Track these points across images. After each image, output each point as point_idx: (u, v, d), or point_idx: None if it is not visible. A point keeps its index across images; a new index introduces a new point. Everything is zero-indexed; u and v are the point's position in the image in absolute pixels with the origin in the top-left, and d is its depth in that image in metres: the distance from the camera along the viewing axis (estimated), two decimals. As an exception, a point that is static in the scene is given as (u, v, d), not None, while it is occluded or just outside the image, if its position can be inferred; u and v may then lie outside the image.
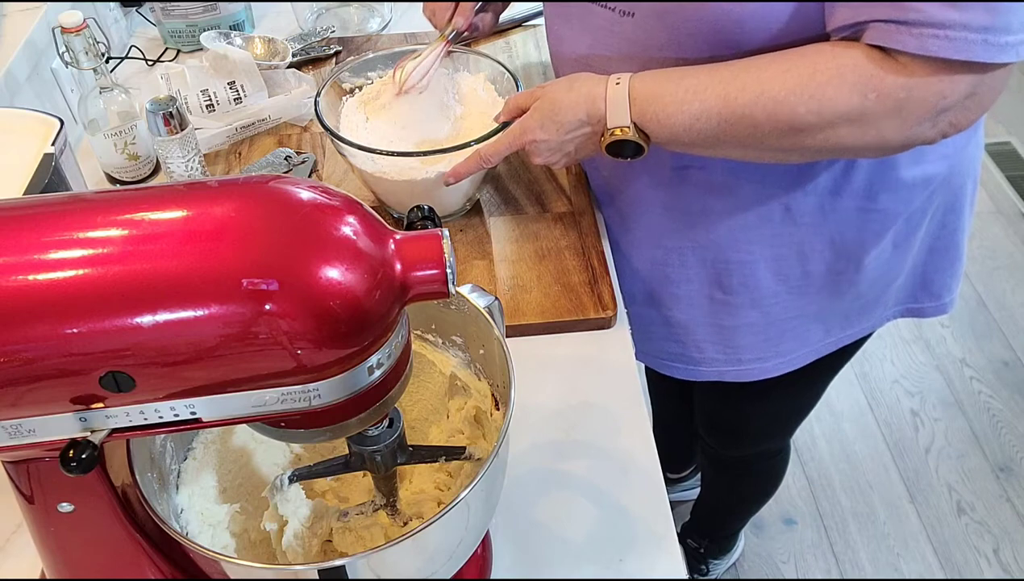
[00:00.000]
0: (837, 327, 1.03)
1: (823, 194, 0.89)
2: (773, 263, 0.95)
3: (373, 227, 0.47)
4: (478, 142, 0.93)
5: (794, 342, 1.02)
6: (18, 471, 0.54)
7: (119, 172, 1.13)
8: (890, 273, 0.99)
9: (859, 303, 1.01)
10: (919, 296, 1.05)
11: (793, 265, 0.95)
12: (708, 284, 0.98)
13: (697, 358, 1.06)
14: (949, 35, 0.65)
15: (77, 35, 1.00)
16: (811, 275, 0.96)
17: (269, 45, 1.31)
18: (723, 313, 1.00)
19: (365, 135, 1.02)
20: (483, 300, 0.65)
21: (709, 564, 1.74)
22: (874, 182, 0.88)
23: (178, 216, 0.45)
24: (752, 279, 0.96)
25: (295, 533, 0.64)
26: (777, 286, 0.96)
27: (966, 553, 1.80)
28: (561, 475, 0.82)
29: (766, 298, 0.97)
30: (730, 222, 0.92)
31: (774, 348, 1.02)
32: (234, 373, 0.46)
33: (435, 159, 0.95)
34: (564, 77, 0.85)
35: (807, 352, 1.04)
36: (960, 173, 0.94)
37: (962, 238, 1.02)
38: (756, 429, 1.30)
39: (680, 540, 0.77)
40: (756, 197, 0.90)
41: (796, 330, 1.01)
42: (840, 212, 0.90)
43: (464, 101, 1.06)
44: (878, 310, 1.04)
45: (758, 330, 1.01)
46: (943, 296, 1.05)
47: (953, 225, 0.99)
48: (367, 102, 1.06)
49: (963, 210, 0.99)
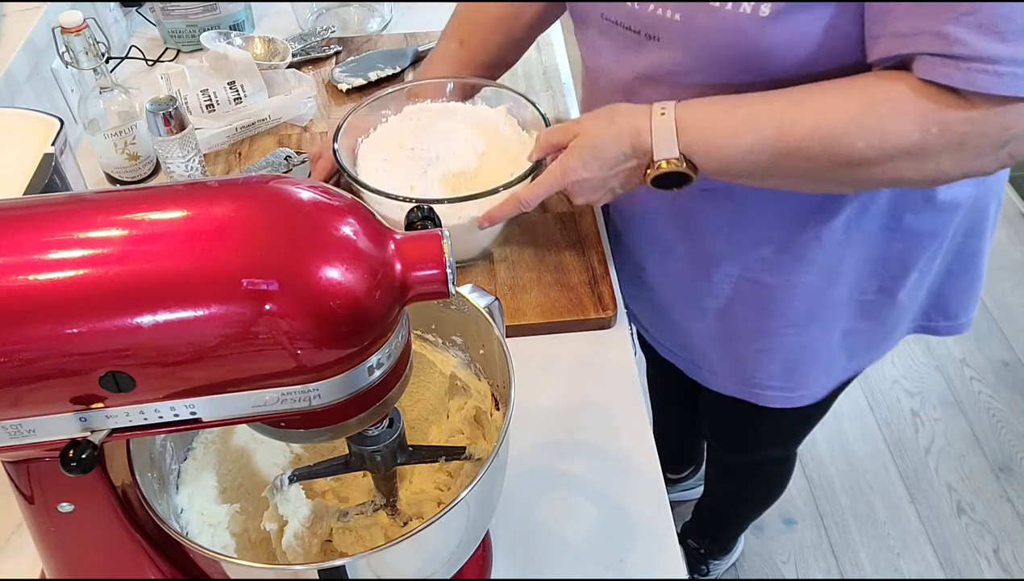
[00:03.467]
0: (860, 352, 1.01)
1: (851, 215, 0.86)
2: (793, 289, 0.91)
3: (373, 227, 0.47)
4: (508, 186, 0.88)
5: (818, 371, 1.00)
6: (18, 471, 0.54)
7: (119, 172, 1.13)
8: (915, 296, 0.97)
9: (884, 329, 0.99)
10: (933, 315, 1.02)
11: (822, 292, 0.92)
12: (727, 308, 0.96)
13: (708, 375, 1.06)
14: (999, 70, 0.62)
15: (77, 35, 1.00)
16: (838, 303, 0.93)
17: (269, 45, 1.31)
18: (746, 338, 0.98)
19: (385, 178, 0.97)
20: (483, 300, 0.65)
21: (709, 564, 1.74)
22: (902, 206, 0.86)
23: (178, 216, 0.45)
24: (776, 303, 0.93)
25: (295, 533, 0.64)
26: (802, 311, 0.93)
27: (966, 553, 1.80)
28: (561, 475, 0.82)
29: (786, 324, 0.95)
30: (757, 245, 0.90)
31: (787, 373, 1.00)
32: (234, 373, 0.46)
33: (464, 204, 0.90)
34: (601, 110, 0.81)
35: (829, 381, 1.02)
36: (986, 195, 0.92)
37: (982, 260, 0.99)
38: (764, 438, 1.29)
39: (680, 540, 0.77)
40: (784, 223, 0.87)
41: (815, 354, 0.98)
42: (865, 233, 0.87)
43: (486, 137, 1.01)
44: (898, 332, 1.02)
45: (775, 356, 0.98)
46: (959, 317, 1.02)
47: (974, 246, 0.96)
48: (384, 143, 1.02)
49: (985, 232, 0.96)
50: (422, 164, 0.99)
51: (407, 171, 0.98)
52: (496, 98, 1.03)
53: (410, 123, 1.03)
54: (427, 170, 0.98)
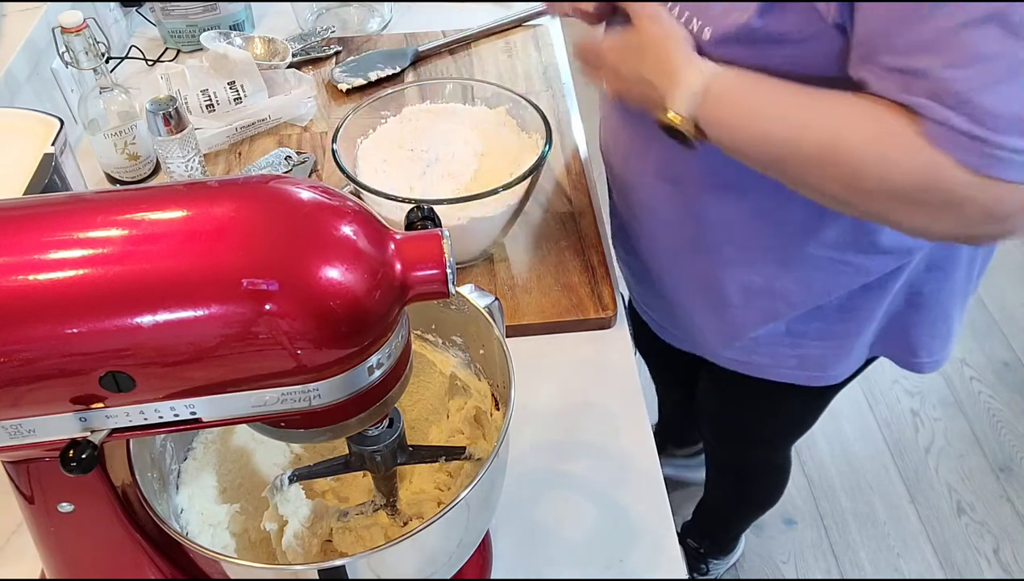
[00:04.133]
0: (813, 366, 1.01)
1: (795, 242, 0.86)
2: (743, 289, 0.93)
3: (373, 227, 0.47)
4: (507, 187, 0.89)
5: (768, 359, 1.00)
6: (18, 471, 0.54)
7: (119, 172, 1.13)
8: (860, 316, 0.94)
9: (833, 343, 0.98)
10: (895, 346, 1.00)
11: (762, 296, 0.93)
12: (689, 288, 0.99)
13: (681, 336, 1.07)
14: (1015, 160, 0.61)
15: (77, 35, 1.00)
16: (777, 310, 0.93)
17: (269, 45, 1.31)
18: (702, 313, 1.00)
19: (385, 178, 0.97)
20: (483, 300, 0.65)
21: (709, 564, 1.74)
22: (847, 239, 0.85)
23: (178, 216, 0.45)
24: (723, 298, 0.95)
25: (295, 533, 0.64)
26: (747, 310, 0.94)
27: (966, 553, 1.80)
28: (561, 475, 0.82)
29: (735, 316, 0.96)
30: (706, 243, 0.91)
31: (746, 356, 1.01)
32: (234, 373, 0.46)
33: (464, 205, 0.90)
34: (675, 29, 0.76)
35: (782, 372, 1.02)
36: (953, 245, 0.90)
37: (950, 300, 0.95)
38: (756, 430, 1.29)
39: (680, 540, 0.77)
40: (733, 230, 0.88)
41: (770, 350, 0.99)
42: (811, 259, 0.87)
43: (485, 138, 1.01)
44: (855, 352, 1.00)
45: (732, 340, 1.00)
46: (920, 355, 0.99)
47: (938, 282, 0.93)
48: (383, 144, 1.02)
49: (952, 270, 0.92)
50: (421, 165, 0.99)
51: (407, 172, 0.98)
52: (496, 99, 1.03)
53: (410, 124, 1.03)
54: (427, 171, 0.98)
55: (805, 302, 0.92)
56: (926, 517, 1.86)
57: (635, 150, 0.92)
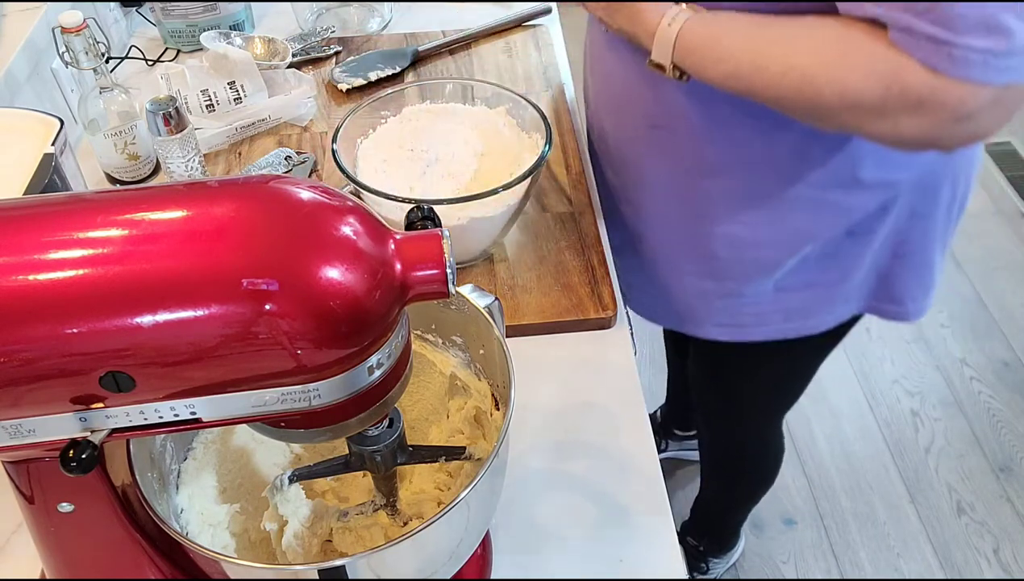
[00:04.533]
0: (797, 314, 1.04)
1: (780, 182, 0.90)
2: (728, 239, 0.96)
3: (373, 227, 0.47)
4: (507, 187, 0.88)
5: (751, 318, 1.04)
6: (18, 471, 0.54)
7: (119, 172, 1.13)
8: (844, 261, 0.98)
9: (813, 292, 1.01)
10: (881, 298, 1.04)
11: (747, 246, 0.96)
12: (673, 243, 1.02)
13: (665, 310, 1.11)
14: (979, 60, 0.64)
15: (77, 35, 1.00)
16: (763, 258, 0.97)
17: (269, 45, 1.31)
18: (685, 274, 1.04)
19: (385, 178, 0.97)
20: (483, 300, 0.65)
21: (709, 562, 1.74)
22: (830, 176, 0.88)
23: (178, 216, 0.45)
24: (708, 249, 0.98)
25: (295, 533, 0.64)
26: (732, 261, 0.98)
27: (966, 553, 1.80)
28: (561, 475, 0.82)
29: (721, 269, 0.99)
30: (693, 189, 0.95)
31: (730, 317, 1.04)
32: (234, 373, 0.46)
33: (464, 205, 0.90)
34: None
35: (768, 330, 1.05)
36: (934, 180, 0.93)
37: (931, 246, 0.99)
38: (744, 400, 1.31)
39: (679, 539, 0.77)
40: (719, 172, 0.92)
41: (753, 307, 1.02)
42: (793, 201, 0.91)
43: (485, 138, 1.01)
44: (837, 302, 1.03)
45: (715, 298, 1.03)
46: (905, 302, 1.03)
47: (922, 231, 0.97)
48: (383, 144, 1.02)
49: (934, 216, 0.96)
50: (421, 165, 0.99)
51: (407, 172, 0.98)
52: (496, 99, 1.03)
53: (409, 124, 1.03)
54: (427, 171, 0.98)
55: (791, 247, 0.95)
56: (926, 517, 1.86)
57: (628, 102, 0.96)
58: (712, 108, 0.87)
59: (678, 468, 1.91)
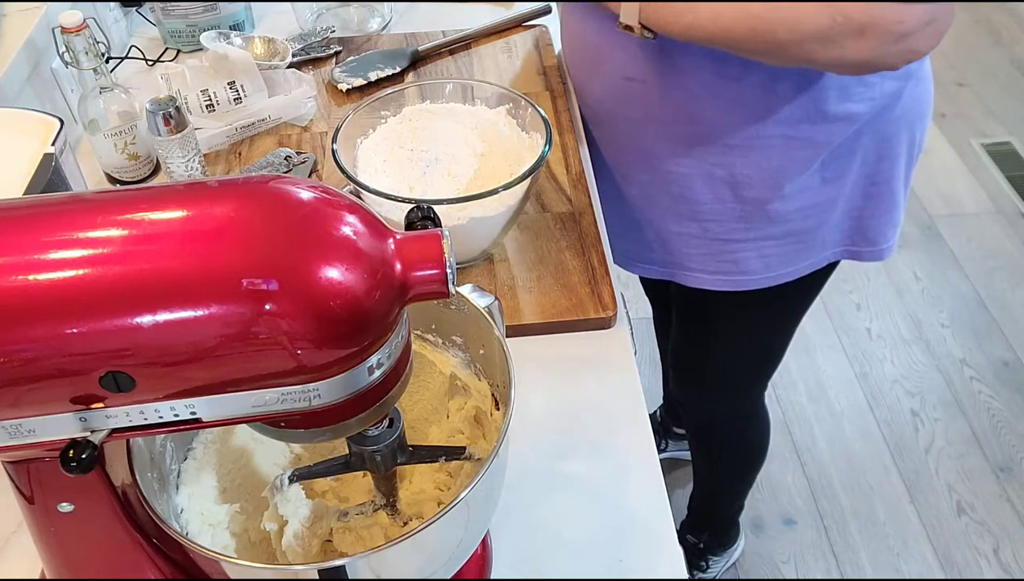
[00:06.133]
0: (777, 262, 1.09)
1: (751, 122, 0.97)
2: (708, 181, 1.03)
3: (373, 227, 0.47)
4: (508, 187, 0.88)
5: (732, 265, 1.10)
6: (18, 471, 0.54)
7: (119, 172, 1.13)
8: (820, 207, 1.05)
9: (793, 239, 1.07)
10: (856, 240, 1.11)
11: (725, 187, 1.03)
12: (656, 190, 1.09)
13: (648, 257, 1.17)
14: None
15: (77, 35, 1.00)
16: (743, 200, 1.04)
17: (269, 45, 1.31)
18: (669, 219, 1.10)
19: (385, 178, 0.97)
20: (483, 300, 0.65)
21: (709, 560, 1.74)
22: (798, 112, 0.96)
23: (178, 216, 0.45)
24: (690, 192, 1.05)
25: (295, 533, 0.64)
26: (714, 204, 1.05)
27: (966, 553, 1.80)
28: (561, 475, 0.82)
29: (703, 213, 1.06)
30: (670, 135, 1.02)
31: (714, 264, 1.11)
32: (234, 373, 0.46)
33: (464, 205, 0.90)
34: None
35: (747, 280, 1.11)
36: (891, 120, 1.00)
37: (898, 186, 1.08)
38: (719, 367, 1.34)
39: (679, 538, 0.77)
40: (693, 117, 0.99)
41: (734, 254, 1.08)
42: (766, 139, 0.98)
43: (485, 138, 1.01)
44: (815, 249, 1.10)
45: (699, 243, 1.09)
46: (879, 242, 1.11)
47: (888, 172, 1.05)
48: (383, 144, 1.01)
49: (897, 158, 1.05)
50: (421, 165, 0.99)
51: (407, 172, 0.98)
52: (496, 99, 1.03)
53: (409, 124, 1.03)
54: (427, 171, 0.98)
55: (766, 184, 1.02)
56: (926, 517, 1.86)
57: (602, 58, 1.05)
58: (680, 59, 0.95)
59: (678, 468, 1.91)
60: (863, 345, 2.20)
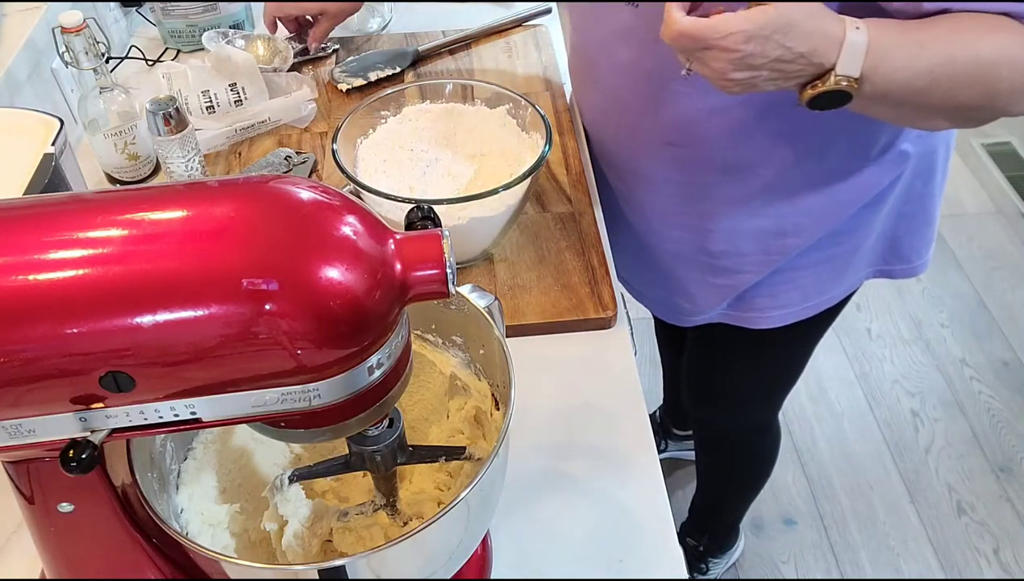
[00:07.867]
0: (814, 292, 1.07)
1: (802, 167, 0.94)
2: (754, 233, 1.00)
3: (373, 227, 0.47)
4: (507, 187, 0.88)
5: (769, 301, 1.07)
6: (18, 471, 0.54)
7: (119, 172, 1.13)
8: (859, 234, 1.02)
9: (830, 266, 1.05)
10: (889, 259, 1.09)
11: (770, 235, 1.00)
12: (694, 246, 1.05)
13: (664, 299, 1.15)
14: None
15: (77, 35, 1.00)
16: (787, 247, 1.01)
17: (269, 45, 1.31)
18: (708, 271, 1.07)
19: (385, 179, 0.97)
20: (483, 300, 0.65)
21: (709, 562, 1.74)
22: (851, 162, 0.93)
23: (178, 216, 0.45)
24: (733, 247, 1.02)
25: (295, 533, 0.64)
26: (753, 251, 1.02)
27: (966, 553, 1.80)
28: (561, 475, 0.82)
29: (745, 262, 1.03)
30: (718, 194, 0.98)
31: (751, 305, 1.08)
32: (234, 373, 0.46)
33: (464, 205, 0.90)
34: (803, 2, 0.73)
35: (785, 313, 1.08)
36: (933, 144, 0.98)
37: (932, 203, 1.05)
38: (739, 391, 1.32)
39: (679, 540, 0.77)
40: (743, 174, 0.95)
41: (770, 289, 1.06)
42: (817, 185, 0.95)
43: (485, 137, 1.01)
44: (850, 273, 1.07)
45: (729, 291, 1.07)
46: (913, 259, 1.09)
47: (921, 190, 1.02)
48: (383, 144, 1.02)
49: (934, 175, 1.02)
50: (421, 165, 0.99)
51: (407, 172, 0.98)
52: (496, 99, 1.03)
53: (410, 124, 1.03)
54: (427, 171, 0.98)
55: (814, 232, 0.99)
56: (926, 517, 1.86)
57: (644, 122, 0.97)
58: (737, 115, 0.89)
59: (678, 468, 1.91)
60: (863, 345, 2.20)
